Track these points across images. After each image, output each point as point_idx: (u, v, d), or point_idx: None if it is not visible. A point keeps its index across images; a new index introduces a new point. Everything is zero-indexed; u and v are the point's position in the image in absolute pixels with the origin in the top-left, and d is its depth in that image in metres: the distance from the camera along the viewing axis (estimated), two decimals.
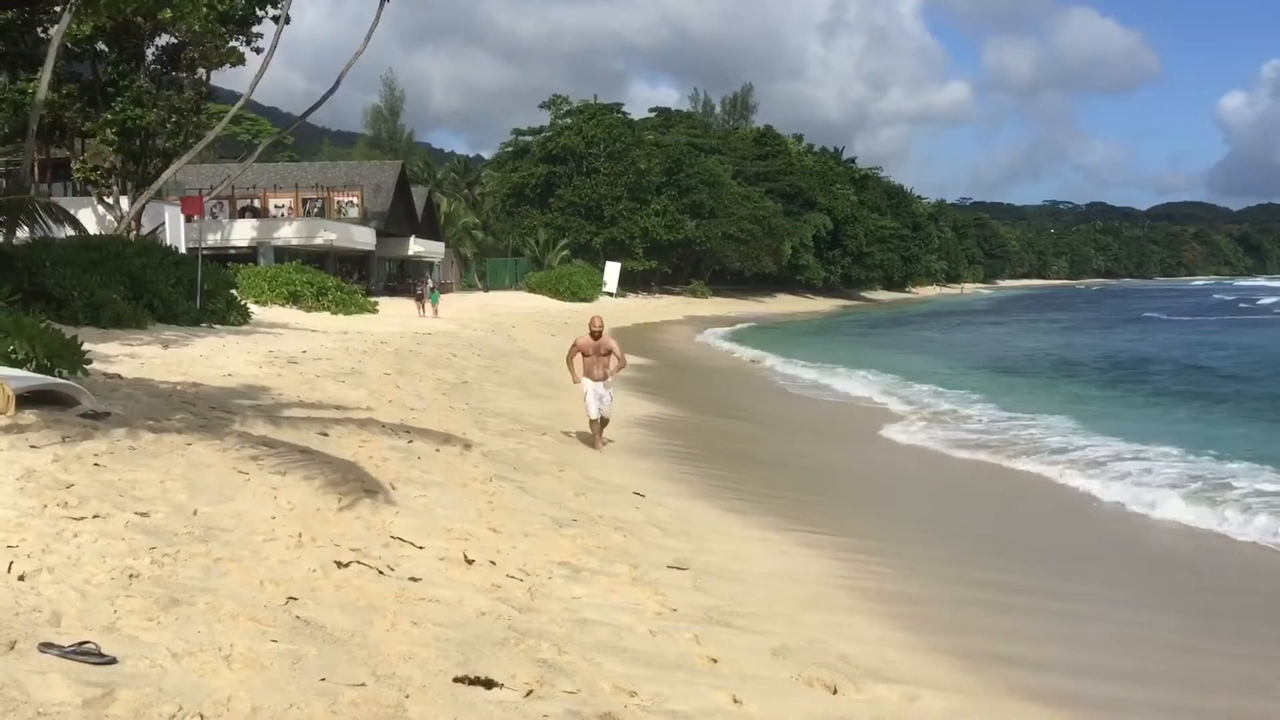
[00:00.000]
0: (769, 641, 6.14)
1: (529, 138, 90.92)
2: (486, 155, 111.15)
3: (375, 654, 4.75)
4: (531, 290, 67.53)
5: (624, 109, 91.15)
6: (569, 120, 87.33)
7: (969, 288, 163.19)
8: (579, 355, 13.81)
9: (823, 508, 11.30)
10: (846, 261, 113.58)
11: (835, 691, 5.44)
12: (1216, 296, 76.68)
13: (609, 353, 13.63)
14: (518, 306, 54.36)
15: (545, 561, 7.15)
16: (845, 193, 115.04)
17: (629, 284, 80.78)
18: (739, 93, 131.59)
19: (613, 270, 77.16)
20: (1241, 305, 79.65)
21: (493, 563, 6.81)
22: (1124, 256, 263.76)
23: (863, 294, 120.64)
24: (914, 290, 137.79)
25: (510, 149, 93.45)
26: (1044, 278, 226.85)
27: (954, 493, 13.18)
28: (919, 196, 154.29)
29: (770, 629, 6.45)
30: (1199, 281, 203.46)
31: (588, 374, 13.58)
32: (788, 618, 6.79)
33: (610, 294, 74.47)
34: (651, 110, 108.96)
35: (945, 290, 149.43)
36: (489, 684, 4.61)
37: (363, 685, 4.34)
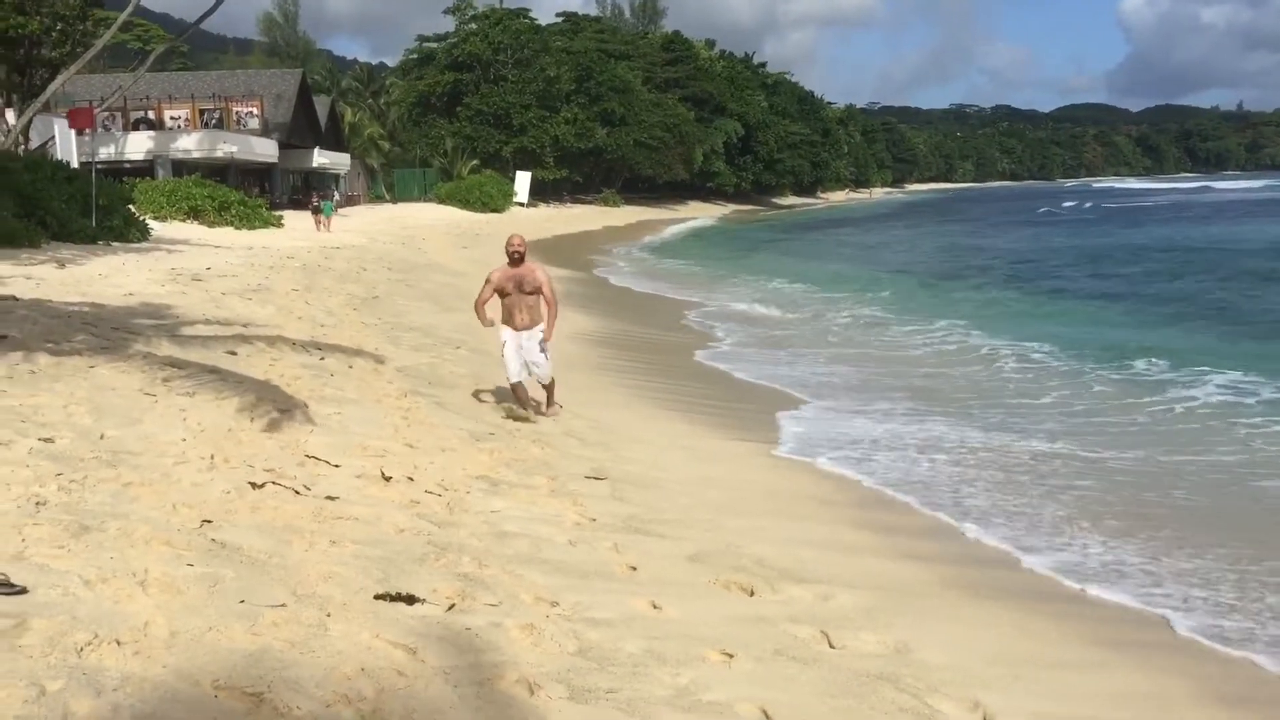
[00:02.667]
0: (687, 547, 6.25)
1: (434, 44, 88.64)
2: (390, 63, 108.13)
3: (294, 574, 4.73)
4: (441, 201, 66.47)
5: (531, 14, 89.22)
6: (474, 26, 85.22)
7: (878, 192, 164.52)
8: (493, 295, 9.87)
9: (743, 415, 11.44)
10: (758, 168, 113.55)
11: (752, 594, 5.57)
12: (1043, 209, 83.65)
13: (535, 290, 9.70)
14: (427, 218, 53.54)
15: (463, 476, 7.15)
16: (756, 99, 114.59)
17: (540, 194, 79.90)
18: None
19: (523, 180, 76.19)
20: (1043, 210, 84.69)
21: (410, 479, 6.79)
22: (1027, 159, 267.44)
23: (774, 200, 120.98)
24: (824, 196, 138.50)
25: (415, 56, 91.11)
26: (951, 181, 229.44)
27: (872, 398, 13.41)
28: (828, 102, 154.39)
29: (689, 535, 6.55)
30: (1070, 184, 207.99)
31: (507, 320, 9.80)
32: (706, 523, 6.90)
33: (521, 204, 73.65)
34: (559, 15, 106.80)
35: (854, 195, 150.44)
36: (410, 599, 4.63)
37: (283, 606, 4.32)
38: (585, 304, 22.20)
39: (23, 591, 4.04)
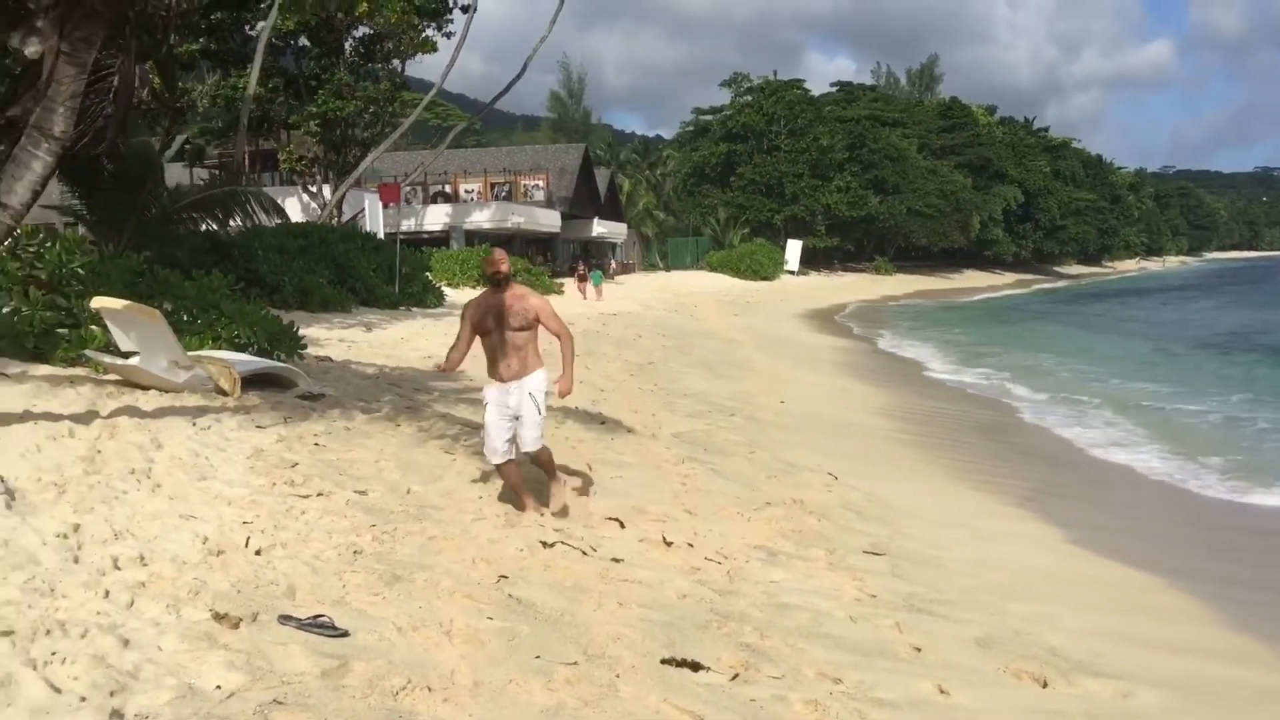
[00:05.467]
0: (972, 630, 6.03)
1: (709, 116, 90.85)
2: (665, 134, 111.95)
3: (585, 633, 4.89)
4: (712, 269, 67.59)
5: (805, 84, 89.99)
6: (749, 98, 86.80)
7: (1171, 260, 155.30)
8: (473, 335, 7.06)
9: (1033, 493, 10.94)
10: (1038, 235, 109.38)
11: (1045, 685, 5.30)
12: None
13: (528, 325, 6.95)
14: (699, 286, 54.53)
15: (742, 544, 7.19)
16: (1038, 164, 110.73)
17: (810, 261, 79.90)
18: (925, 64, 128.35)
19: (794, 248, 76.46)
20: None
21: (690, 545, 6.89)
22: None
23: (1055, 269, 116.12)
24: (1111, 264, 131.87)
25: (691, 128, 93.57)
26: (1256, 249, 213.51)
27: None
28: (1117, 166, 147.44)
29: (973, 618, 6.32)
30: None
31: (491, 371, 7.07)
32: (990, 606, 6.64)
33: (792, 272, 73.89)
34: (833, 85, 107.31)
35: (1145, 264, 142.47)
36: (695, 666, 4.68)
37: (575, 664, 4.47)
38: (868, 374, 22.01)
39: (345, 634, 4.37)
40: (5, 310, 9.58)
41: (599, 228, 61.78)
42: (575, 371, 7.52)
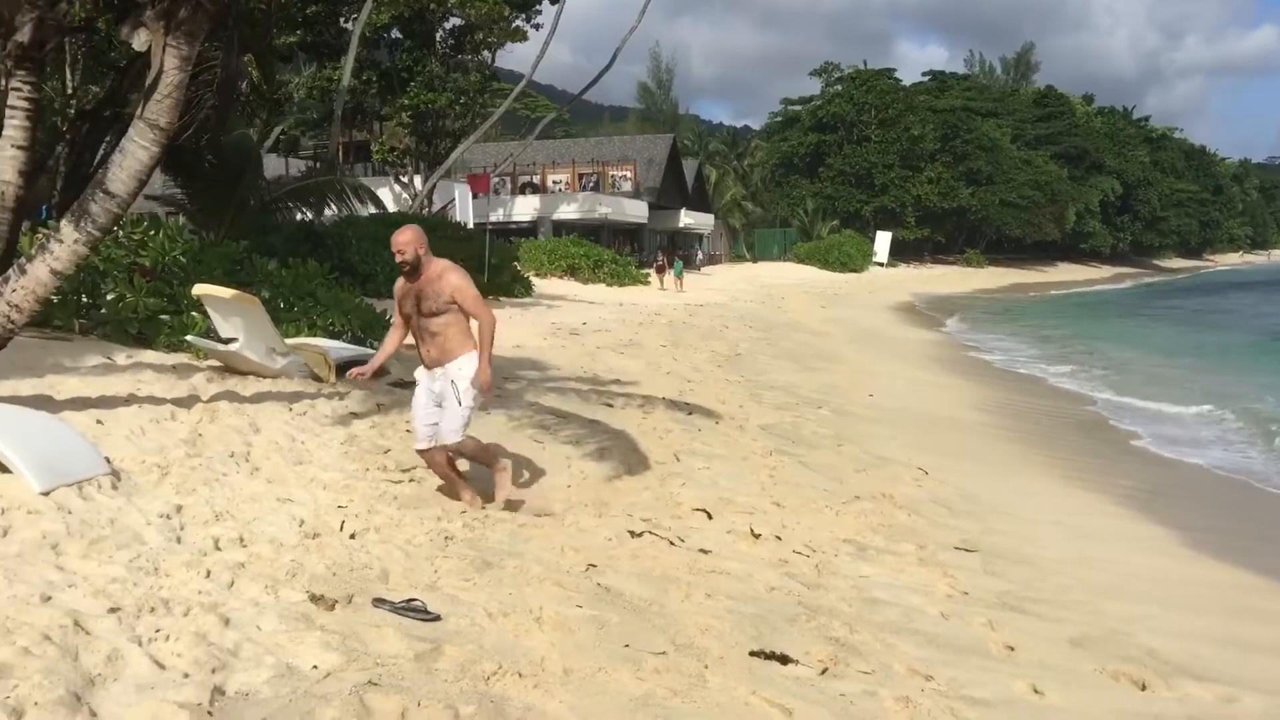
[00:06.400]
0: (1067, 630, 5.89)
1: (798, 107, 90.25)
2: (753, 124, 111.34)
3: (673, 624, 4.88)
4: (800, 261, 67.23)
5: (896, 74, 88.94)
6: (839, 88, 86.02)
7: (1276, 254, 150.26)
8: (402, 319, 6.79)
9: (1128, 494, 10.68)
10: (1137, 227, 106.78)
11: (1144, 688, 5.16)
12: None
13: (441, 310, 6.42)
14: (786, 277, 54.25)
15: (830, 538, 7.12)
16: (1137, 155, 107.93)
17: (899, 254, 78.96)
18: (1020, 52, 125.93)
19: (883, 240, 75.69)
20: None
21: (778, 538, 6.85)
22: None
23: (1154, 262, 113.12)
24: (1212, 258, 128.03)
25: (780, 119, 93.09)
26: None
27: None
28: (1221, 157, 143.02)
29: (1068, 617, 6.18)
30: None
31: (419, 354, 6.69)
32: (1086, 606, 6.48)
33: (880, 264, 73.17)
34: (925, 74, 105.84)
35: (1249, 257, 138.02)
36: (784, 659, 4.65)
37: (664, 654, 4.47)
38: (958, 368, 21.67)
39: (437, 618, 4.42)
40: (110, 297, 9.89)
41: (686, 218, 61.78)
42: (667, 362, 7.69)
